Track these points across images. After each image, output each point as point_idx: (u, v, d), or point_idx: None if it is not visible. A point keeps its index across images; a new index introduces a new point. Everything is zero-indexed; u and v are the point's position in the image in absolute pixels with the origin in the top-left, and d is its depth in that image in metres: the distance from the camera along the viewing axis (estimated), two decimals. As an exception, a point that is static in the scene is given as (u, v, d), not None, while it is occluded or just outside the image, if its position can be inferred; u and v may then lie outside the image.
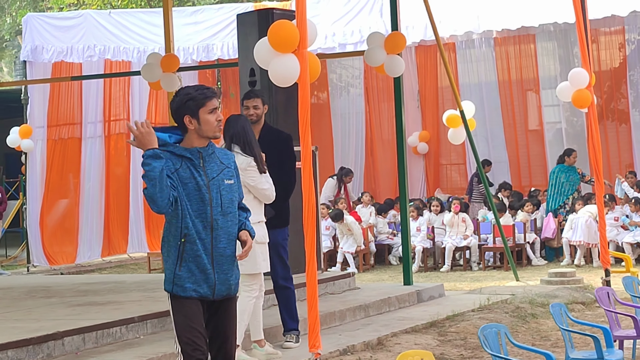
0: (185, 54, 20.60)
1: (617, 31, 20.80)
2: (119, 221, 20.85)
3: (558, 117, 21.57)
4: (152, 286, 12.24)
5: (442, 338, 10.03)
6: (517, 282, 14.56)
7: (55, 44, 19.97)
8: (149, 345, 8.83)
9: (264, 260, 8.65)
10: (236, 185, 5.95)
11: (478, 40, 21.65)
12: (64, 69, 20.30)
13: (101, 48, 20.13)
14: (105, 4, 27.60)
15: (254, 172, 8.45)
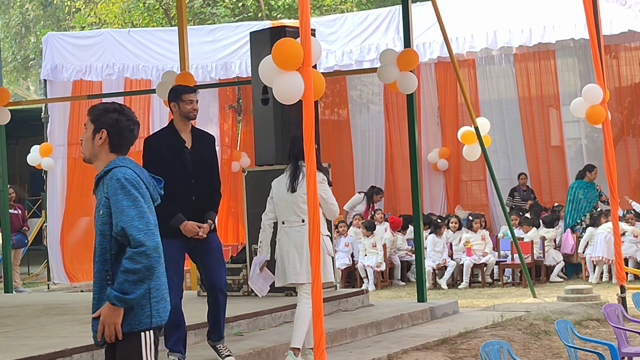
0: (204, 72, 20.73)
1: (637, 47, 20.78)
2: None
3: (579, 134, 21.54)
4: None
5: (452, 355, 10.02)
6: (534, 298, 14.53)
7: (75, 63, 20.13)
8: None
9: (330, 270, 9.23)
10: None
11: (497, 56, 21.67)
12: (83, 87, 20.43)
13: (120, 66, 20.30)
14: (126, 22, 27.80)
15: (326, 185, 9.13)
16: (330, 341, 9.92)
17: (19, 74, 40.51)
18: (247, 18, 27.32)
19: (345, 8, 27.57)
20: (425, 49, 19.19)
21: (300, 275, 8.98)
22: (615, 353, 7.75)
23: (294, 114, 11.68)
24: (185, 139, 8.65)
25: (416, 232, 13.37)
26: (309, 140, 7.78)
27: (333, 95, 23.48)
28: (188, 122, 8.75)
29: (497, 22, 19.15)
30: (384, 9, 20.86)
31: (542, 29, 18.79)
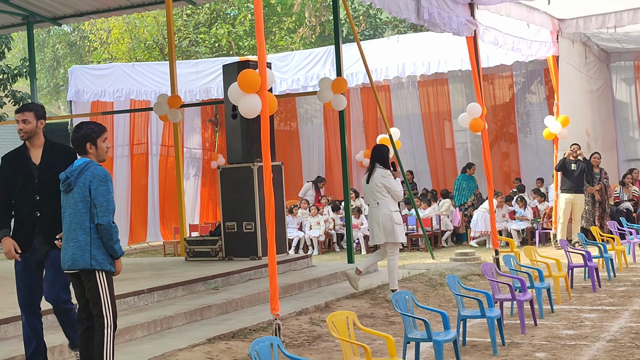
0: (190, 94, 20.59)
1: (507, 76, 20.99)
2: (141, 218, 20.78)
3: (465, 139, 21.72)
4: (161, 266, 12.22)
5: (373, 302, 10.06)
6: (433, 260, 14.61)
7: (93, 88, 19.93)
8: (154, 310, 8.81)
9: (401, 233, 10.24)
10: None
11: (406, 82, 21.79)
12: (99, 106, 20.26)
13: (127, 91, 20.10)
14: (131, 58, 27.60)
15: (390, 178, 10.11)
16: (282, 293, 9.92)
17: (52, 97, 40.54)
18: (221, 55, 27.25)
19: (294, 47, 27.57)
20: (353, 77, 19.21)
21: (380, 238, 10.17)
22: (490, 299, 7.83)
23: (255, 125, 11.61)
24: (33, 156, 6.55)
25: (346, 211, 13.39)
26: (265, 144, 7.78)
27: (286, 112, 23.46)
28: (31, 140, 6.58)
29: (405, 57, 19.20)
30: (322, 48, 20.87)
31: (437, 62, 18.88)
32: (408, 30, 28.36)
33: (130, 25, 28.00)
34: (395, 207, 10.25)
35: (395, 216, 10.14)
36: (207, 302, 9.13)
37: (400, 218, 10.29)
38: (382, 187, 10.12)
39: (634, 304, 9.36)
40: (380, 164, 10.27)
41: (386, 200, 10.14)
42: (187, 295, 9.74)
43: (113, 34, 28.42)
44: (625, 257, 12.72)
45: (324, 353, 7.57)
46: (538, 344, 7.57)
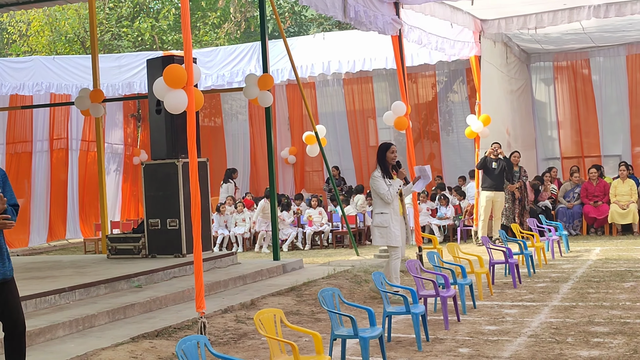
0: (113, 89, 20.23)
1: (431, 75, 21.24)
2: (60, 214, 20.42)
3: (389, 137, 21.89)
4: (82, 264, 11.99)
5: (299, 299, 10.04)
6: (358, 256, 14.70)
7: (11, 81, 19.40)
8: (76, 308, 8.63)
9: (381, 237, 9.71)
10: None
11: (331, 80, 21.88)
12: (18, 99, 19.81)
13: (47, 84, 19.65)
14: (52, 51, 27.00)
15: (378, 180, 9.61)
16: (208, 290, 9.84)
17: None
18: (144, 49, 26.89)
19: (219, 43, 27.38)
20: (278, 74, 19.18)
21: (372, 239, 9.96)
22: (415, 295, 7.90)
23: (180, 121, 11.57)
24: None
25: (272, 209, 13.36)
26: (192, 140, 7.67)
27: (210, 108, 23.29)
28: None
29: (331, 55, 19.27)
30: (248, 44, 20.77)
31: (363, 61, 19.01)
32: (333, 28, 28.48)
33: (50, 17, 27.36)
34: (380, 209, 9.72)
35: (376, 218, 9.76)
36: (130, 301, 8.98)
37: (385, 220, 9.69)
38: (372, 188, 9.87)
39: (553, 299, 9.58)
40: (379, 162, 9.85)
41: (375, 200, 9.89)
42: (110, 294, 9.58)
43: (33, 26, 27.72)
44: (545, 254, 13.01)
45: (250, 351, 7.53)
46: (461, 340, 7.67)
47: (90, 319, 8.20)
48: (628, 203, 16.43)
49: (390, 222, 9.69)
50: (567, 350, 7.02)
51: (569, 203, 17.25)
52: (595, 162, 19.76)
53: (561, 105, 21.05)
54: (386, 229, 9.70)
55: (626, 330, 7.66)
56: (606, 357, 6.68)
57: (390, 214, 9.70)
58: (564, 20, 15.18)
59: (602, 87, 20.57)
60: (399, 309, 7.68)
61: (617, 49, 20.15)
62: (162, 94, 7.92)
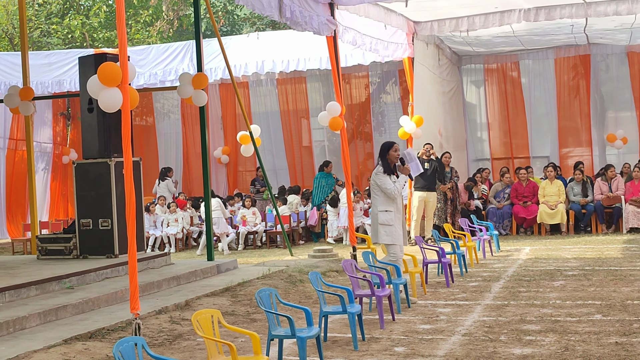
0: (42, 86, 19.84)
1: (364, 75, 21.38)
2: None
3: (323, 137, 22.00)
4: (12, 265, 11.71)
5: (234, 299, 9.99)
6: (292, 256, 14.70)
7: None
8: (7, 310, 8.41)
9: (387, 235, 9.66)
10: None
11: (265, 80, 21.85)
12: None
13: (-27, 82, 19.23)
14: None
15: (381, 175, 9.63)
16: (141, 291, 9.69)
17: None
18: (75, 46, 26.44)
19: (151, 41, 27.07)
20: (211, 73, 19.04)
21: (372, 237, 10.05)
22: (351, 295, 7.94)
23: (112, 120, 11.39)
24: None
25: (206, 209, 13.25)
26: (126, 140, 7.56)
27: (142, 107, 23.01)
28: None
29: (264, 54, 19.21)
30: (181, 43, 20.58)
31: (297, 61, 19.00)
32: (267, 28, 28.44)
33: (-23, 13, 26.70)
34: (385, 207, 9.66)
35: (381, 216, 9.67)
36: (62, 302, 8.80)
37: (390, 219, 9.65)
38: (375, 185, 9.79)
39: (486, 298, 9.73)
40: (381, 160, 9.83)
41: (377, 198, 9.76)
42: (41, 295, 9.37)
43: (-42, 21, 27.02)
44: (476, 253, 13.20)
45: (185, 352, 7.46)
46: (397, 339, 7.73)
47: (21, 321, 8.01)
48: (556, 203, 16.79)
49: (395, 220, 9.73)
50: (501, 348, 7.13)
51: (499, 203, 17.54)
52: (524, 163, 20.16)
53: (491, 107, 21.42)
54: (391, 227, 9.69)
55: (557, 328, 7.82)
56: (538, 355, 6.81)
57: (394, 212, 9.74)
58: (495, 23, 15.45)
59: (531, 90, 21.00)
60: (335, 308, 7.71)
61: (545, 52, 20.58)
62: (96, 92, 7.80)
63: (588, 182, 17.26)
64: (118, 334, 7.83)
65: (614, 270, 11.37)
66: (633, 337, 7.26)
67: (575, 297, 9.47)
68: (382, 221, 9.67)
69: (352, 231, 12.97)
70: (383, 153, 9.82)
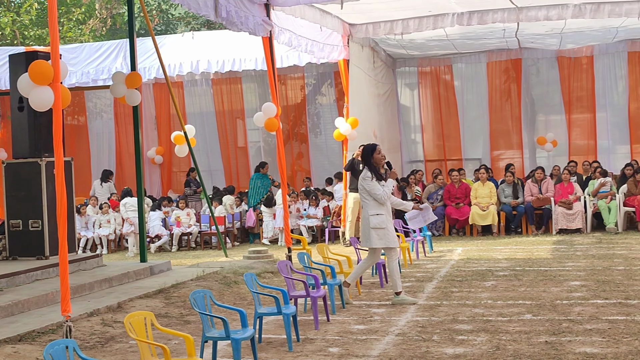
0: (-30, 85, 19.37)
1: (299, 77, 21.40)
2: None
3: (258, 138, 21.95)
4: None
5: (167, 301, 9.91)
6: (226, 258, 14.63)
7: None
8: None
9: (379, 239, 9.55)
10: None
11: (199, 80, 21.70)
12: None
13: None
14: None
15: (369, 180, 9.51)
16: (73, 293, 9.54)
17: None
18: (5, 44, 25.85)
19: (83, 39, 26.64)
20: (145, 72, 18.79)
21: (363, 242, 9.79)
22: (286, 296, 7.95)
23: (43, 119, 11.17)
24: None
25: (140, 209, 13.11)
26: (58, 139, 7.44)
27: (74, 106, 22.62)
28: None
29: (200, 54, 19.06)
30: (114, 41, 20.29)
31: (232, 61, 18.88)
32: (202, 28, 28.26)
33: None
34: (375, 210, 9.55)
35: (373, 220, 9.54)
36: (-10, 305, 8.62)
37: (382, 222, 9.55)
38: (364, 190, 9.64)
39: (419, 298, 9.82)
40: (366, 164, 9.71)
41: (367, 202, 9.63)
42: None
43: None
44: (410, 254, 13.33)
45: (118, 355, 7.36)
46: (331, 339, 7.76)
47: (-54, 325, 7.81)
48: (488, 205, 17.05)
49: (386, 223, 9.62)
50: (433, 348, 7.21)
51: (432, 205, 17.73)
52: (457, 165, 20.42)
53: (424, 110, 21.65)
54: (384, 230, 9.58)
55: (488, 327, 7.94)
56: (470, 354, 6.90)
57: (385, 215, 9.64)
58: (429, 27, 15.61)
59: (464, 93, 21.30)
60: (270, 309, 7.69)
61: (478, 55, 20.90)
62: (26, 91, 7.64)
63: (519, 184, 17.58)
64: (49, 337, 7.70)
65: (544, 271, 11.60)
66: (562, 336, 7.42)
67: (506, 297, 9.63)
68: (374, 225, 9.55)
69: (287, 232, 12.97)
70: (367, 157, 9.71)
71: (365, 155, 9.75)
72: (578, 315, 8.34)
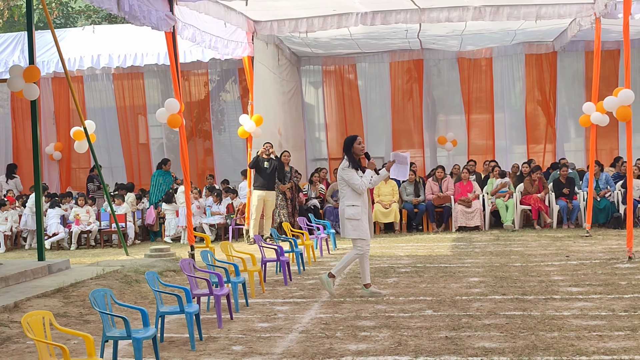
0: None
1: (203, 73, 21.24)
2: None
3: (161, 134, 21.69)
4: None
5: (66, 300, 9.67)
6: (127, 256, 14.39)
7: None
8: None
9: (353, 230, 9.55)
10: None
11: (100, 74, 21.29)
12: None
13: None
14: None
15: (348, 170, 9.52)
16: (-34, 293, 9.23)
17: None
18: None
19: (-22, 31, 25.81)
20: (44, 66, 18.31)
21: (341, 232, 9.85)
22: (189, 294, 7.86)
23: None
24: None
25: (37, 207, 12.75)
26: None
27: (-33, 99, 21.90)
28: None
29: (101, 48, 18.68)
30: (11, 34, 19.70)
31: (134, 56, 18.57)
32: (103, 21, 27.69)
33: None
34: (352, 201, 9.55)
35: (348, 210, 9.54)
36: None
37: (357, 213, 9.54)
38: (342, 179, 9.61)
39: (323, 296, 9.87)
40: (346, 155, 9.69)
41: (344, 193, 9.63)
42: None
43: None
44: (314, 252, 13.38)
45: (15, 355, 7.14)
46: (235, 338, 7.72)
47: None
48: (390, 203, 17.28)
49: (362, 214, 9.60)
50: (337, 344, 7.25)
51: (336, 202, 17.84)
52: (360, 163, 20.60)
53: (329, 108, 21.80)
54: (358, 222, 9.56)
55: (390, 323, 8.04)
56: (373, 350, 6.97)
57: (361, 206, 9.61)
58: (333, 26, 15.72)
59: (367, 92, 21.54)
60: (173, 308, 7.60)
61: (381, 55, 21.16)
62: None
63: (420, 183, 17.88)
64: (-60, 339, 7.41)
65: (444, 267, 11.83)
66: (462, 331, 7.57)
67: (408, 293, 9.78)
68: (349, 215, 9.57)
69: (190, 230, 12.85)
70: (347, 147, 9.70)
71: (346, 144, 9.78)
72: (477, 310, 8.53)
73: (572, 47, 20.27)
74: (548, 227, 16.97)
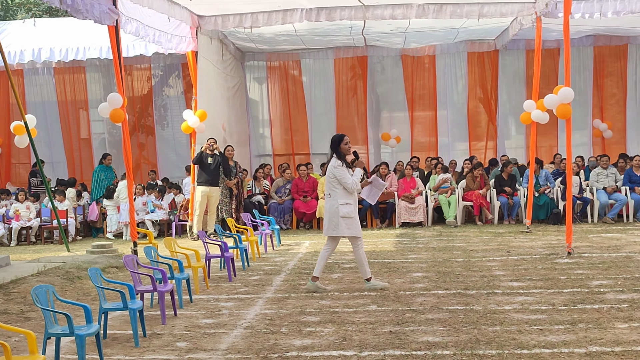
0: None
1: (146, 67, 21.02)
2: None
3: (103, 129, 21.42)
4: None
5: (6, 297, 9.49)
6: (69, 252, 14.19)
7: None
8: None
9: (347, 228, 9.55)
10: None
11: (41, 68, 20.94)
12: None
13: None
14: None
15: (341, 169, 9.49)
16: None
17: None
18: None
19: None
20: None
21: (326, 230, 9.74)
22: (132, 290, 7.79)
23: None
24: None
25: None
26: None
27: None
28: None
29: (42, 42, 18.38)
30: (-51, 26, 19.29)
31: (76, 50, 18.30)
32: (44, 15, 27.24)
33: None
34: (345, 199, 9.53)
35: (342, 209, 9.51)
36: None
37: (351, 211, 9.54)
38: (334, 178, 9.54)
39: (267, 291, 9.87)
40: (335, 153, 9.62)
41: (336, 191, 9.54)
42: None
43: None
44: (258, 248, 13.36)
45: (-48, 354, 6.99)
46: (179, 334, 7.67)
47: None
48: (334, 199, 17.32)
49: (354, 212, 9.60)
50: (282, 340, 7.26)
51: (280, 198, 17.86)
52: (305, 159, 20.66)
53: (273, 104, 21.76)
54: (352, 220, 9.57)
55: (335, 319, 8.08)
56: (318, 345, 7.00)
57: (354, 204, 9.61)
58: (277, 22, 15.69)
59: (312, 88, 21.56)
60: (116, 305, 7.52)
61: (325, 52, 21.20)
62: None
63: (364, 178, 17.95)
64: None
65: (388, 263, 11.92)
66: (405, 326, 7.64)
67: (352, 288, 9.83)
68: (344, 214, 9.55)
69: (133, 226, 12.72)
70: (335, 146, 9.69)
71: (333, 144, 9.76)
72: (420, 305, 8.62)
73: (514, 46, 20.57)
74: (489, 223, 17.21)
